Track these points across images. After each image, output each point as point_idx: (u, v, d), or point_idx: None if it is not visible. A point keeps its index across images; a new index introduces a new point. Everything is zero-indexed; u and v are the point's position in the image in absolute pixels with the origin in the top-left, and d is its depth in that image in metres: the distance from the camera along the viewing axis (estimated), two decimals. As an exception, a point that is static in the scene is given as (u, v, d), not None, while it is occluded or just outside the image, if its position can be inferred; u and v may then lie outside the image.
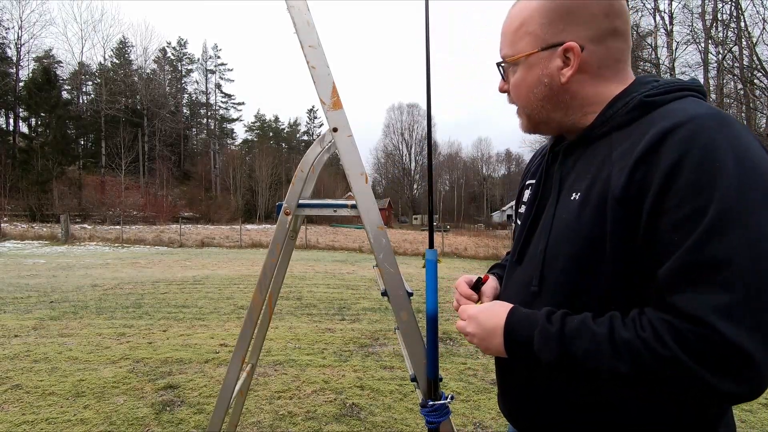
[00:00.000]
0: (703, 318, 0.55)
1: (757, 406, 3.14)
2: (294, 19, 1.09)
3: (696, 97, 0.69)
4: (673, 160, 0.59)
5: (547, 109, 0.79)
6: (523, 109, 0.83)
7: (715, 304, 0.54)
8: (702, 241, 0.56)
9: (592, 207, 0.68)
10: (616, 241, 0.64)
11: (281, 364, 3.77)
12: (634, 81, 0.75)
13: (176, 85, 59.19)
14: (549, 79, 0.76)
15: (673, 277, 0.59)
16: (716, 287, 0.55)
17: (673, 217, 0.59)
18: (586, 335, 0.63)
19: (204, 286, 8.01)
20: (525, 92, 0.80)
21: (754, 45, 12.84)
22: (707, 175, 0.57)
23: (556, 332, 0.66)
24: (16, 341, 4.32)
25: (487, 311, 0.78)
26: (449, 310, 6.29)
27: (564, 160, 0.80)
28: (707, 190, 0.57)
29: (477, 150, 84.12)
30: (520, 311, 0.74)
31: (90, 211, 33.72)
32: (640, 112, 0.69)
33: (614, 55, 0.74)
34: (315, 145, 1.23)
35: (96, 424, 2.65)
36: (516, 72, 0.80)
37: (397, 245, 19.66)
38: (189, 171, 53.75)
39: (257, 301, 1.23)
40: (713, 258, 0.55)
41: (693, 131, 0.60)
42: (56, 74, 41.66)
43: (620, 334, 0.61)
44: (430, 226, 1.09)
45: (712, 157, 0.57)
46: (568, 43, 0.73)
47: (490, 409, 2.96)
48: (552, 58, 0.75)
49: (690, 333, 0.55)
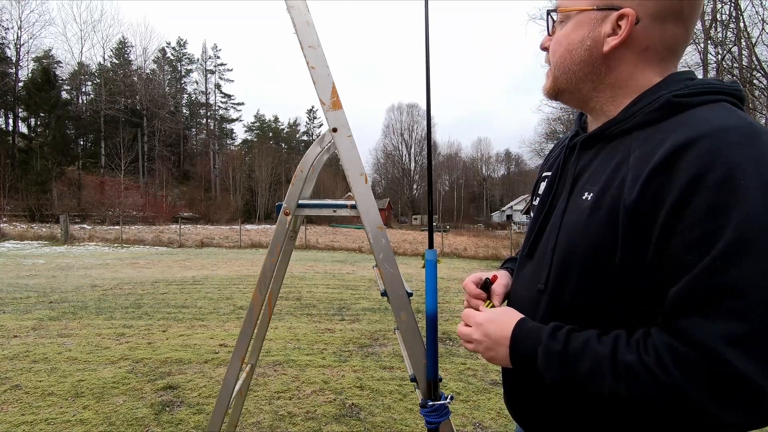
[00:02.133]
0: (710, 346, 0.52)
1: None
2: (294, 20, 1.09)
3: (731, 102, 0.64)
4: (692, 176, 0.55)
5: (579, 76, 0.73)
6: (555, 68, 0.77)
7: (725, 333, 0.51)
8: (716, 266, 0.53)
9: (603, 212, 0.65)
10: (626, 253, 0.62)
11: (281, 365, 3.77)
12: (668, 76, 0.69)
13: (176, 85, 59.16)
14: (592, 43, 0.70)
15: (682, 300, 0.56)
16: (727, 316, 0.52)
17: (688, 237, 0.55)
18: (588, 355, 0.61)
19: (203, 286, 8.01)
20: (563, 50, 0.74)
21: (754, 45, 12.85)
22: (727, 196, 0.53)
23: (559, 351, 0.64)
24: (15, 341, 4.31)
25: (495, 321, 0.75)
26: (449, 310, 6.29)
27: (580, 155, 0.76)
28: (726, 212, 0.53)
29: (476, 150, 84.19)
30: (527, 324, 0.72)
31: (89, 212, 33.70)
32: (666, 113, 0.64)
33: (668, 41, 0.68)
34: (315, 145, 1.23)
35: (95, 424, 2.65)
36: (563, 27, 0.75)
37: (397, 245, 19.66)
38: (188, 171, 53.74)
39: (257, 301, 1.23)
40: (726, 285, 0.52)
41: (715, 146, 0.55)
42: (56, 74, 41.62)
43: (623, 356, 0.59)
44: (430, 226, 1.09)
45: (734, 175, 0.53)
46: (625, 9, 0.67)
47: (490, 410, 2.96)
48: (604, 21, 0.69)
49: (695, 361, 0.53)
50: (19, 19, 39.36)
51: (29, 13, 46.48)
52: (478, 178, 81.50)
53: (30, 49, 40.82)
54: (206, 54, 61.53)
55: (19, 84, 39.61)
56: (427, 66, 1.02)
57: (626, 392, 0.58)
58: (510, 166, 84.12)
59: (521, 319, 0.73)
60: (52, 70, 41.19)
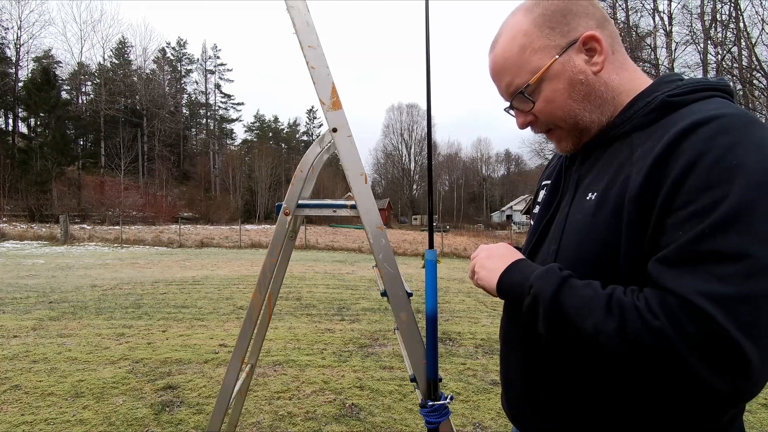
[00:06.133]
0: (697, 301, 0.52)
1: (757, 406, 3.15)
2: (293, 20, 1.09)
3: (722, 97, 0.66)
4: (690, 157, 0.57)
5: (588, 109, 0.74)
6: (563, 120, 0.76)
7: (710, 291, 0.52)
8: (705, 233, 0.54)
9: (608, 208, 0.66)
10: (629, 243, 0.63)
11: (281, 365, 3.77)
12: (658, 79, 0.73)
13: (176, 85, 59.15)
14: (584, 76, 0.73)
15: (666, 261, 0.57)
16: (710, 277, 0.53)
17: (681, 215, 0.57)
18: (586, 290, 0.63)
19: (203, 286, 8.01)
20: (562, 101, 0.75)
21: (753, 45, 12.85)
22: (723, 173, 0.54)
23: (560, 274, 0.67)
24: (15, 342, 4.31)
25: (506, 249, 0.81)
26: (449, 310, 6.29)
27: (583, 162, 0.78)
28: (721, 188, 0.54)
29: (476, 150, 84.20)
30: (534, 265, 0.75)
31: (89, 212, 33.70)
32: (662, 113, 0.67)
33: (615, 38, 0.75)
34: (314, 145, 1.22)
35: (95, 424, 2.65)
36: (541, 92, 0.75)
37: (397, 245, 19.67)
38: (188, 171, 53.72)
39: (257, 301, 1.23)
40: (713, 251, 0.53)
41: (716, 130, 0.57)
42: (55, 74, 41.57)
43: (619, 296, 0.60)
44: (430, 226, 1.09)
45: (730, 155, 0.55)
46: (585, 34, 0.72)
47: (490, 410, 2.96)
48: (574, 56, 0.73)
49: (681, 310, 0.53)
50: (18, 19, 39.44)
51: (29, 13, 46.61)
52: (478, 178, 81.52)
53: (30, 49, 40.92)
54: (206, 54, 61.60)
55: (19, 84, 39.62)
56: (427, 66, 1.02)
57: (613, 330, 0.58)
58: (510, 166, 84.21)
59: (525, 258, 0.78)
60: (52, 70, 41.16)
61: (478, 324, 5.44)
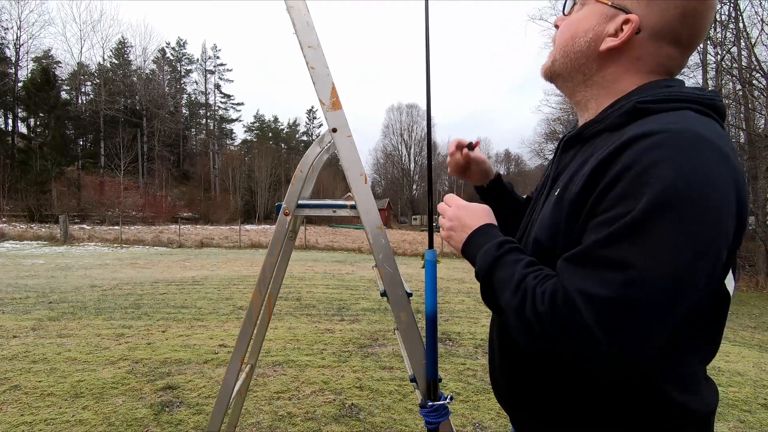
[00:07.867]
0: (574, 296, 0.57)
1: (756, 406, 3.15)
2: (293, 20, 1.09)
3: (698, 111, 0.63)
4: (622, 167, 0.59)
5: (574, 65, 0.76)
6: (557, 50, 0.79)
7: (589, 291, 0.57)
8: (603, 240, 0.58)
9: (561, 206, 0.69)
10: (564, 241, 0.67)
11: (280, 365, 3.77)
12: (646, 83, 0.71)
13: (175, 85, 59.10)
14: (593, 37, 0.72)
15: (569, 259, 0.62)
16: (597, 280, 0.57)
17: (598, 220, 0.60)
18: (510, 267, 0.69)
19: (203, 286, 8.01)
20: (569, 35, 0.76)
21: (753, 46, 12.86)
22: (639, 186, 0.56)
23: (494, 255, 0.72)
24: (14, 342, 4.31)
25: (471, 211, 0.84)
26: (449, 310, 6.29)
27: (562, 155, 0.80)
28: (634, 200, 0.56)
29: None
30: (492, 229, 0.80)
31: (89, 212, 33.68)
32: (630, 117, 0.66)
33: (661, 59, 0.70)
34: (314, 145, 1.22)
35: (95, 424, 2.65)
36: (579, 11, 0.76)
37: (397, 246, 19.67)
38: (188, 171, 53.71)
39: (256, 301, 1.23)
40: (606, 257, 0.57)
41: (652, 144, 0.57)
42: (55, 74, 41.54)
43: (530, 280, 0.65)
44: (430, 226, 1.09)
45: (652, 170, 0.56)
46: (632, 15, 0.68)
47: (490, 410, 2.96)
48: (611, 20, 0.71)
49: (563, 304, 0.59)
50: (18, 19, 39.38)
51: (29, 13, 46.63)
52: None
53: (29, 49, 40.85)
54: (206, 54, 61.54)
55: (18, 84, 39.58)
56: (427, 66, 1.02)
57: (513, 309, 0.65)
58: (510, 166, 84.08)
59: (489, 224, 0.82)
60: (52, 70, 41.12)
61: (478, 324, 5.44)
